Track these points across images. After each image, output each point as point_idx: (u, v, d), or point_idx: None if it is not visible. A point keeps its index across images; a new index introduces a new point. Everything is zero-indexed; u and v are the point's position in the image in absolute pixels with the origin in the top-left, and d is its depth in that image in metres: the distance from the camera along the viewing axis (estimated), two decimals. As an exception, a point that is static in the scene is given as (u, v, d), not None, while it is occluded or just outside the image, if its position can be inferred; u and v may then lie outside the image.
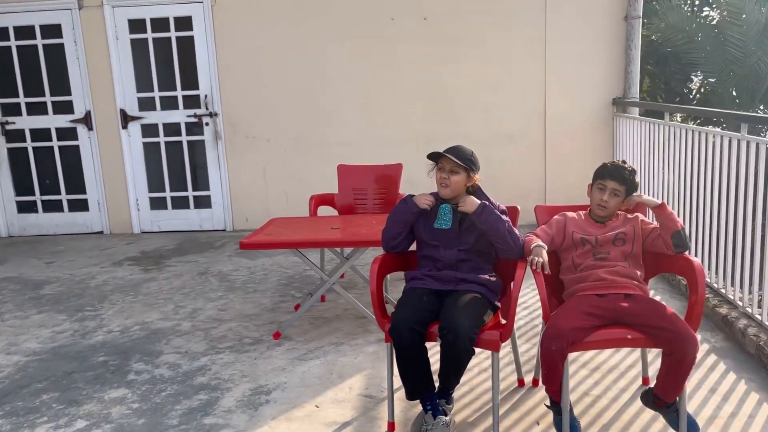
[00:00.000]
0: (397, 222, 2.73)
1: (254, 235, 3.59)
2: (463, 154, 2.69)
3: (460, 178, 2.67)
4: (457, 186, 2.67)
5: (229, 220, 6.38)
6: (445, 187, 2.68)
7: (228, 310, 4.14)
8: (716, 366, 3.07)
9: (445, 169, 2.68)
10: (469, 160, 2.68)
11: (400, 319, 2.47)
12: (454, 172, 2.66)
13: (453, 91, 6.01)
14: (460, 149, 2.71)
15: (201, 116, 6.18)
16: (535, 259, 2.47)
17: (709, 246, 3.87)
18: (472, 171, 2.69)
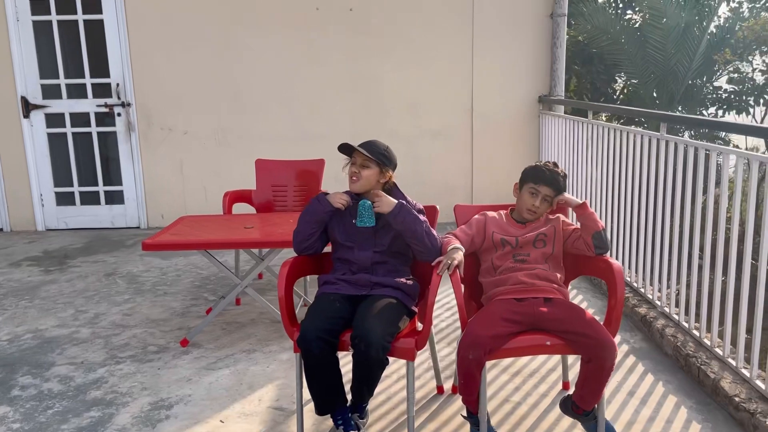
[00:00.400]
0: (309, 222, 2.55)
1: (159, 235, 3.32)
2: (376, 148, 2.53)
3: (371, 173, 2.51)
4: (367, 181, 2.51)
5: (143, 217, 6.02)
6: (354, 181, 2.51)
7: (133, 315, 3.85)
8: (635, 368, 3.04)
9: (357, 163, 2.52)
10: (382, 154, 2.53)
11: (308, 328, 2.29)
12: (365, 166, 2.51)
13: (380, 86, 5.86)
14: (373, 143, 2.56)
15: (112, 106, 5.79)
16: (445, 263, 2.35)
17: (630, 244, 3.87)
18: (385, 166, 2.54)
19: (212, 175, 5.92)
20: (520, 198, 2.59)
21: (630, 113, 5.83)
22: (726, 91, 11.18)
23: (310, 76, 5.81)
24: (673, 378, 2.92)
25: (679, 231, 3.28)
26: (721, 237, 2.87)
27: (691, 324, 3.16)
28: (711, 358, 2.89)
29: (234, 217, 3.76)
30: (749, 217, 2.66)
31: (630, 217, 3.85)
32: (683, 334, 3.15)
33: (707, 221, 3.00)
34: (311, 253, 2.61)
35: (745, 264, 2.69)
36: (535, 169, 2.56)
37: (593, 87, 10.94)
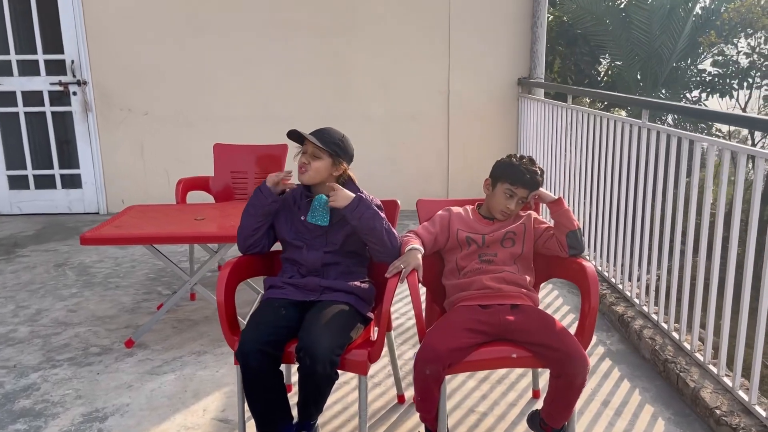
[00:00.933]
0: (253, 216, 2.30)
1: (102, 227, 3.05)
2: (329, 137, 2.28)
3: (322, 165, 2.26)
4: (317, 173, 2.26)
5: (102, 202, 5.72)
6: (303, 172, 2.26)
7: (79, 311, 3.58)
8: (610, 373, 2.84)
9: (307, 152, 2.27)
10: (335, 144, 2.27)
11: (247, 340, 2.05)
12: (316, 156, 2.26)
13: (351, 67, 5.57)
14: (327, 131, 2.30)
15: (67, 84, 5.45)
16: (397, 266, 2.12)
17: (608, 237, 3.66)
18: (339, 158, 2.29)
19: (174, 158, 5.62)
20: (492, 197, 2.35)
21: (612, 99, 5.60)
22: (710, 74, 11.02)
23: (277, 54, 5.51)
24: (651, 385, 2.73)
25: (660, 224, 3.08)
26: (704, 233, 2.66)
27: (670, 325, 2.97)
28: (691, 364, 2.70)
29: (186, 207, 3.50)
30: (735, 211, 2.45)
31: (609, 208, 3.64)
32: (662, 337, 2.96)
33: (689, 216, 2.77)
34: (258, 251, 2.35)
35: (729, 264, 2.49)
36: (512, 167, 2.31)
37: (577, 69, 10.72)
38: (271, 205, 2.28)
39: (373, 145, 5.66)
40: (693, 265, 2.78)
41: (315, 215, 2.27)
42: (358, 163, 6.05)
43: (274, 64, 5.52)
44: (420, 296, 2.11)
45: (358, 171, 5.97)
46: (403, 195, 5.80)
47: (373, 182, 5.74)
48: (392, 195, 5.69)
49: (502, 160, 2.37)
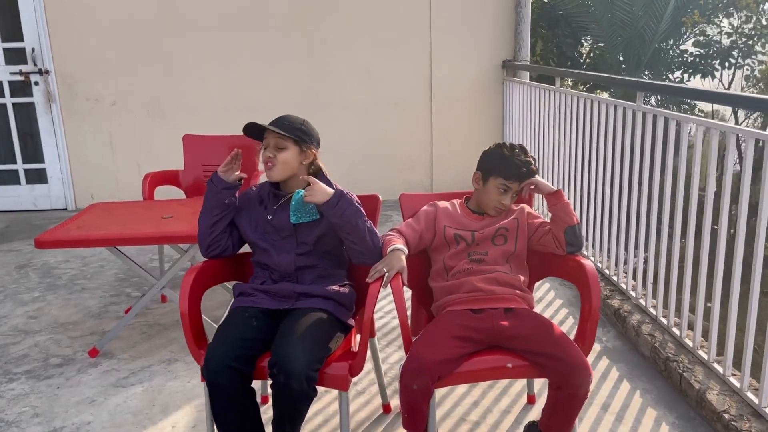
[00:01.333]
0: (208, 210, 2.09)
1: (60, 228, 2.82)
2: (289, 123, 2.07)
3: (289, 155, 2.05)
4: (285, 165, 2.05)
5: (70, 197, 5.44)
6: (270, 168, 2.05)
7: (41, 318, 3.35)
8: (608, 373, 2.68)
9: (270, 146, 2.05)
10: (298, 129, 2.06)
11: (214, 355, 1.84)
12: (280, 147, 2.04)
13: (329, 52, 5.32)
14: (286, 118, 2.10)
15: (28, 74, 5.16)
16: (379, 270, 1.93)
17: (601, 227, 3.49)
18: (305, 143, 2.07)
19: (146, 150, 5.35)
20: (484, 192, 2.15)
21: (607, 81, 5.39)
22: (692, 55, 10.91)
23: (252, 40, 5.25)
24: (652, 386, 2.56)
25: (658, 212, 2.90)
26: (707, 221, 2.49)
27: (670, 320, 2.81)
28: (694, 363, 2.54)
29: (153, 204, 3.26)
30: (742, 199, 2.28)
31: (601, 195, 3.46)
32: (661, 333, 2.79)
33: (691, 203, 2.60)
34: (221, 253, 2.14)
35: (737, 254, 2.32)
36: (505, 160, 2.11)
37: (559, 51, 10.54)
38: (222, 194, 2.06)
39: (353, 134, 5.44)
40: (693, 257, 2.62)
41: (298, 214, 2.06)
42: (337, 153, 5.85)
43: (250, 50, 5.26)
44: (405, 302, 1.92)
45: (337, 160, 5.75)
46: (386, 185, 5.63)
47: (354, 172, 5.55)
48: (374, 185, 5.54)
49: (492, 152, 2.16)
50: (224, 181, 2.08)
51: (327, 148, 5.57)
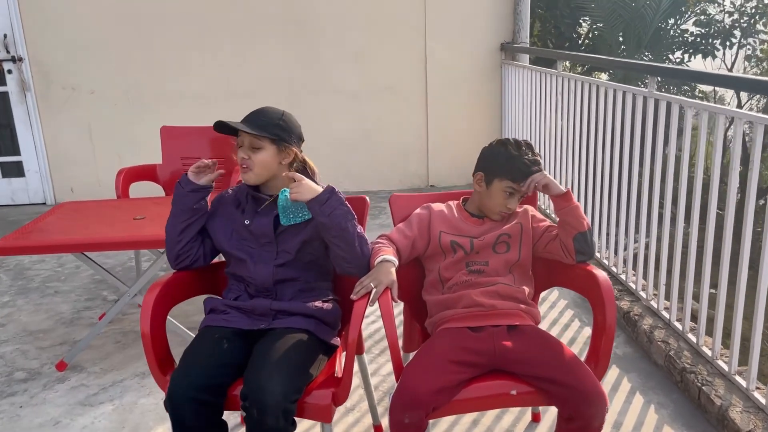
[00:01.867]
0: (176, 215, 1.87)
1: (22, 231, 2.58)
2: (265, 119, 1.83)
3: (266, 156, 1.82)
4: (263, 167, 1.83)
5: (49, 191, 5.19)
6: (245, 170, 1.82)
7: (8, 325, 3.12)
8: (619, 384, 2.46)
9: (245, 145, 1.82)
10: (275, 126, 1.82)
11: (178, 386, 1.62)
12: (255, 147, 1.81)
13: (319, 35, 5.05)
14: (262, 113, 1.86)
15: (1, 61, 4.88)
16: (365, 286, 1.71)
17: (607, 220, 3.27)
18: (284, 141, 1.84)
19: (127, 141, 5.09)
20: (488, 196, 1.91)
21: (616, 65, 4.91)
22: (692, 35, 10.64)
23: (237, 24, 4.97)
24: (668, 400, 2.35)
25: (672, 202, 2.68)
26: (730, 215, 2.26)
27: (685, 325, 2.59)
28: (714, 375, 2.32)
29: (126, 204, 3.02)
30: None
31: (608, 187, 3.23)
32: (676, 339, 2.58)
33: (711, 197, 2.37)
34: (191, 264, 1.91)
35: (765, 252, 2.09)
36: (512, 160, 1.86)
37: (557, 32, 10.26)
38: (189, 197, 1.84)
39: (344, 121, 5.19)
40: (711, 252, 2.40)
41: (289, 214, 1.83)
42: (328, 142, 5.59)
43: (235, 34, 4.98)
44: (395, 323, 1.69)
45: (328, 150, 5.49)
46: (379, 175, 5.39)
47: (346, 162, 5.30)
48: (366, 175, 5.31)
49: (496, 150, 1.91)
50: (193, 183, 1.86)
51: (316, 138, 5.31)
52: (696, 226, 2.49)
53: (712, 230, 2.41)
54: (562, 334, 2.87)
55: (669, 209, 2.69)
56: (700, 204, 2.47)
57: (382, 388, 2.46)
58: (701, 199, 2.48)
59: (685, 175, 2.55)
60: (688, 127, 2.45)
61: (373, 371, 2.59)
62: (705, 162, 2.43)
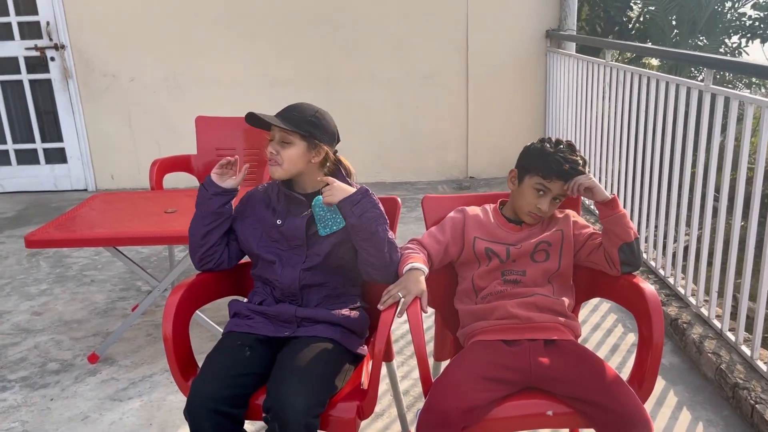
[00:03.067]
0: (199, 218, 1.81)
1: (54, 224, 2.57)
2: (297, 115, 1.75)
3: (295, 152, 1.74)
4: (291, 163, 1.76)
5: (90, 177, 5.25)
6: (273, 164, 1.75)
7: (45, 314, 3.15)
8: (665, 398, 2.32)
9: (275, 139, 1.75)
10: (307, 122, 1.74)
11: (198, 395, 1.56)
12: (285, 142, 1.74)
13: (358, 21, 4.94)
14: (295, 109, 1.78)
15: (44, 49, 4.93)
16: (393, 295, 1.62)
17: (656, 219, 3.10)
18: (315, 138, 1.76)
19: (166, 128, 5.10)
20: (519, 193, 1.80)
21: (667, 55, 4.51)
22: (750, 18, 10.14)
23: (276, 9, 4.90)
24: (718, 417, 2.21)
25: (729, 205, 2.50)
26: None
27: (738, 336, 2.43)
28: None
29: (158, 195, 2.99)
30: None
31: (657, 185, 3.06)
32: (728, 351, 2.42)
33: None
34: (215, 267, 1.85)
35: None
36: (545, 156, 1.75)
37: (606, 16, 9.91)
38: (213, 201, 1.78)
39: (382, 111, 5.09)
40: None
41: (326, 222, 1.76)
42: (366, 131, 5.51)
43: (272, 21, 4.92)
44: (423, 335, 1.60)
45: (366, 139, 5.41)
46: (417, 165, 5.28)
47: (384, 152, 5.20)
48: (405, 165, 5.20)
49: (532, 146, 1.80)
50: (216, 186, 1.79)
51: (354, 127, 5.25)
52: (755, 223, 2.31)
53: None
54: (605, 341, 2.73)
55: (725, 205, 2.51)
56: (761, 198, 2.30)
57: (413, 393, 2.38)
58: (762, 193, 2.30)
59: (745, 166, 2.37)
60: (749, 118, 2.27)
61: (404, 374, 2.51)
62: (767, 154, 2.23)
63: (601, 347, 2.68)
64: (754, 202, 2.29)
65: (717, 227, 2.55)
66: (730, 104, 2.43)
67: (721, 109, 2.50)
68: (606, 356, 2.61)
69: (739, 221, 2.43)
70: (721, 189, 2.51)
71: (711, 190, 2.61)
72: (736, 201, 2.40)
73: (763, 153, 2.23)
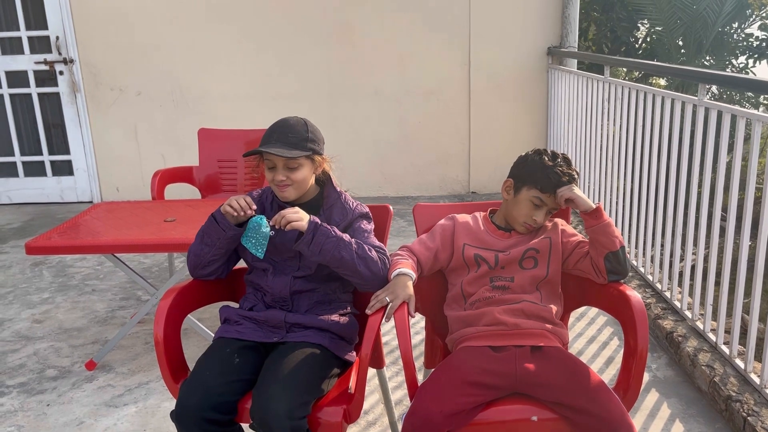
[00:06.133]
0: (209, 246, 1.80)
1: (55, 231, 2.62)
2: (295, 137, 1.76)
3: (304, 173, 1.77)
4: (304, 183, 1.78)
5: (96, 189, 5.31)
6: (285, 188, 1.75)
7: (45, 322, 3.18)
8: (658, 410, 2.32)
9: (278, 167, 1.75)
10: (307, 140, 1.77)
11: (187, 405, 1.57)
12: (291, 167, 1.74)
13: (361, 37, 5.01)
14: (288, 129, 1.77)
15: (53, 63, 5.02)
16: (380, 300, 1.63)
17: (653, 233, 3.10)
18: (317, 153, 1.79)
19: (171, 141, 5.17)
20: (514, 204, 1.82)
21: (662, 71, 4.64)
22: (757, 39, 10.17)
23: (279, 25, 4.98)
24: (710, 430, 2.20)
25: (721, 218, 2.51)
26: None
27: (733, 349, 2.42)
28: (761, 404, 2.16)
29: (158, 205, 3.04)
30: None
31: (654, 199, 3.07)
32: (722, 364, 2.41)
33: (764, 209, 2.20)
34: (214, 278, 1.88)
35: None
36: (544, 169, 1.77)
37: (613, 35, 9.97)
38: (229, 239, 1.77)
39: (385, 125, 5.13)
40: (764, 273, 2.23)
41: (250, 239, 1.78)
42: (368, 145, 5.56)
43: (276, 36, 4.99)
44: (409, 339, 1.61)
45: (368, 153, 5.45)
46: (419, 180, 5.31)
47: (386, 166, 5.25)
48: (406, 180, 5.24)
49: (530, 158, 1.82)
50: (233, 227, 1.75)
51: (357, 141, 5.30)
52: (746, 240, 2.33)
53: (764, 246, 2.24)
54: (600, 353, 2.73)
55: (717, 222, 2.53)
56: (752, 217, 2.31)
57: (406, 402, 2.38)
58: (753, 211, 2.32)
59: (736, 185, 2.39)
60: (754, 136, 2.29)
61: (398, 384, 2.52)
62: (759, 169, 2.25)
63: (596, 359, 2.68)
64: (745, 218, 2.30)
65: (710, 241, 2.55)
66: (722, 118, 2.45)
67: (715, 123, 2.52)
68: (601, 368, 2.61)
69: (731, 235, 2.44)
70: (715, 206, 2.52)
71: (705, 207, 2.62)
72: (729, 216, 2.41)
73: (753, 165, 2.25)
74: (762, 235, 2.20)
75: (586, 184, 4.08)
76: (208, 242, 1.79)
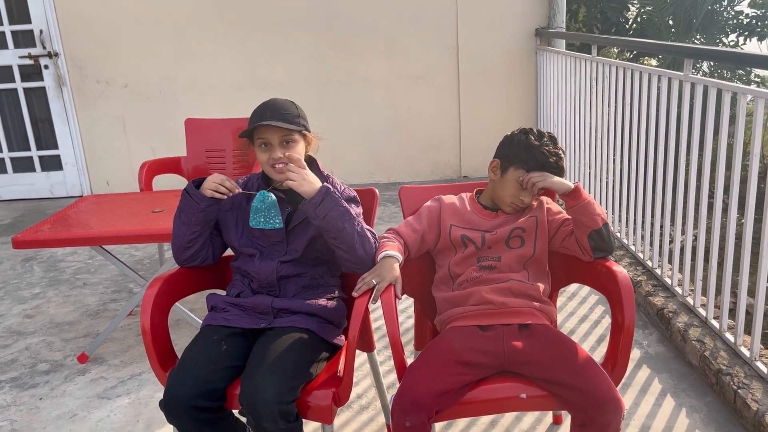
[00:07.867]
0: (186, 224, 1.79)
1: (43, 225, 2.60)
2: (287, 113, 1.74)
3: (299, 150, 1.76)
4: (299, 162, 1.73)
5: (86, 184, 5.28)
6: (282, 171, 1.71)
7: (37, 317, 3.17)
8: (649, 385, 2.33)
9: (275, 145, 1.73)
10: (299, 116, 1.76)
11: (176, 393, 1.57)
12: (289, 142, 1.74)
13: (349, 23, 4.97)
14: (280, 107, 1.75)
15: (37, 57, 4.98)
16: (367, 282, 1.63)
17: (643, 211, 3.11)
18: (307, 130, 1.79)
19: (160, 133, 5.13)
20: (501, 184, 1.82)
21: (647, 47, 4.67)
22: (747, 16, 10.15)
23: (264, 11, 4.94)
24: (701, 403, 2.21)
25: (709, 194, 2.51)
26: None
27: (723, 323, 2.43)
28: (752, 377, 2.17)
29: (146, 196, 3.02)
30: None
31: (643, 177, 3.07)
32: (713, 339, 2.42)
33: (750, 180, 2.20)
34: (198, 264, 1.87)
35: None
36: (532, 149, 1.77)
37: (603, 17, 9.94)
38: (206, 212, 1.76)
39: (375, 111, 5.11)
40: (751, 247, 2.23)
41: (259, 218, 1.77)
42: (358, 132, 5.54)
43: (264, 25, 4.95)
44: (396, 321, 1.61)
45: (358, 140, 5.43)
46: (411, 166, 5.30)
47: (377, 153, 5.23)
48: (398, 166, 5.22)
49: (516, 137, 1.82)
50: (205, 198, 1.74)
51: (347, 128, 5.27)
52: (734, 217, 2.33)
53: (751, 222, 2.24)
54: (591, 331, 2.74)
55: (705, 200, 2.53)
56: (738, 194, 2.31)
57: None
58: (739, 189, 2.32)
59: (722, 164, 2.39)
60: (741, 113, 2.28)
61: (390, 368, 2.52)
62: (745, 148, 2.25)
63: (588, 338, 2.69)
64: (732, 191, 2.30)
65: (699, 217, 2.55)
66: (708, 93, 2.44)
67: (701, 98, 2.52)
68: (592, 346, 2.61)
69: (719, 213, 2.44)
70: (702, 184, 2.52)
71: (693, 185, 2.62)
72: (716, 190, 2.42)
73: (739, 141, 2.25)
74: (748, 213, 2.20)
75: (578, 164, 4.07)
76: (185, 220, 1.78)
